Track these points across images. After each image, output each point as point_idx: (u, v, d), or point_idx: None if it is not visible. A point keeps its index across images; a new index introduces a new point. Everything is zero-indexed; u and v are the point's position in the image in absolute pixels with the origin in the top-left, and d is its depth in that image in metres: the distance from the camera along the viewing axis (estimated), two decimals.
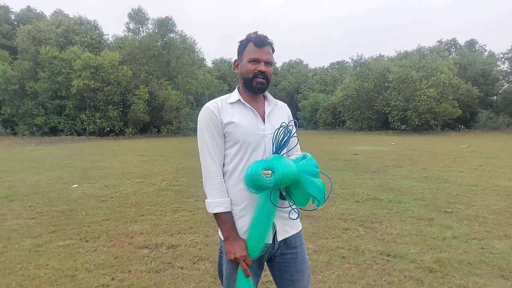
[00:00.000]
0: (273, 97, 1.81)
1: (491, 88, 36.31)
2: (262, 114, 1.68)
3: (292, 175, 1.43)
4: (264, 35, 1.63)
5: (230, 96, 1.70)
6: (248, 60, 1.62)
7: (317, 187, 1.46)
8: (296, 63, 67.23)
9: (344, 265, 3.41)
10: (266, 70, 1.61)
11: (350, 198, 6.14)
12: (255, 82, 1.62)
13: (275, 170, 1.41)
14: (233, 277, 1.62)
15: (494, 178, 7.86)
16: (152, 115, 32.96)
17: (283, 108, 1.82)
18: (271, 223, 1.56)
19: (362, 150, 15.54)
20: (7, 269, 3.38)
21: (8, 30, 34.54)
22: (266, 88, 1.67)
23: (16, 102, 28.91)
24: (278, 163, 1.44)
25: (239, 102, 1.67)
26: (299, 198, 1.50)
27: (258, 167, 1.42)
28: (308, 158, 1.54)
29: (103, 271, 3.33)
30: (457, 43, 43.37)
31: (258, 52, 1.61)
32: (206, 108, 1.64)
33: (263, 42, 1.61)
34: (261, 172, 1.41)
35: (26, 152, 15.95)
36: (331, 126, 43.89)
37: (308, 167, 1.50)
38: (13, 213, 5.42)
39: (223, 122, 1.62)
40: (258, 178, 1.40)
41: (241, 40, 1.68)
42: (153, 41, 33.58)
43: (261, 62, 1.61)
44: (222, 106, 1.65)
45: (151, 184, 7.73)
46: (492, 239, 4.02)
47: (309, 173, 1.49)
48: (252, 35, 1.64)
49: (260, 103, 1.72)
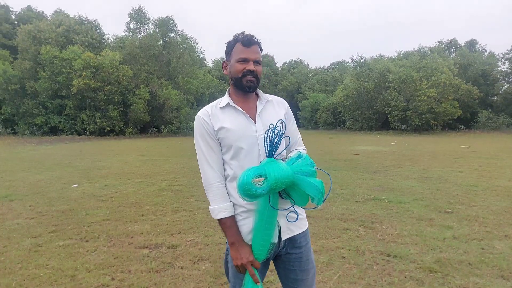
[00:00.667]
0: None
1: (491, 88, 36.31)
2: (254, 115, 1.67)
3: (286, 178, 1.40)
4: (251, 35, 1.63)
5: (221, 101, 1.70)
6: (236, 60, 1.62)
7: (314, 187, 1.43)
8: (297, 63, 67.26)
9: (344, 265, 3.41)
10: (255, 69, 1.61)
11: (350, 198, 6.14)
12: (245, 81, 1.62)
13: (268, 176, 1.39)
14: (239, 275, 1.64)
15: (494, 179, 7.86)
16: (152, 115, 32.96)
17: (279, 104, 1.78)
18: (274, 225, 1.55)
19: (362, 150, 15.54)
20: (7, 268, 3.38)
21: (9, 30, 34.58)
22: (257, 86, 1.66)
23: (16, 102, 28.91)
24: (270, 168, 1.41)
25: (229, 105, 1.66)
26: (298, 199, 1.48)
27: (249, 175, 1.39)
28: (303, 157, 1.51)
29: (103, 271, 3.33)
30: (457, 43, 43.36)
31: (246, 51, 1.61)
32: (197, 118, 1.67)
33: (250, 41, 1.61)
34: (253, 181, 1.38)
35: (26, 152, 15.96)
36: (331, 126, 43.91)
37: (303, 167, 1.47)
38: (13, 212, 5.42)
39: (214, 128, 1.63)
40: (250, 187, 1.38)
41: (228, 41, 1.68)
42: (154, 41, 33.56)
43: (250, 61, 1.60)
44: (212, 113, 1.66)
45: (151, 184, 7.73)
46: (492, 239, 4.02)
47: (305, 173, 1.46)
48: (239, 35, 1.64)
49: (251, 103, 1.70)
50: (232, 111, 1.66)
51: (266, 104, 1.72)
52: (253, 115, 1.67)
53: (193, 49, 37.60)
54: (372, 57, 40.91)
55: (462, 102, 33.38)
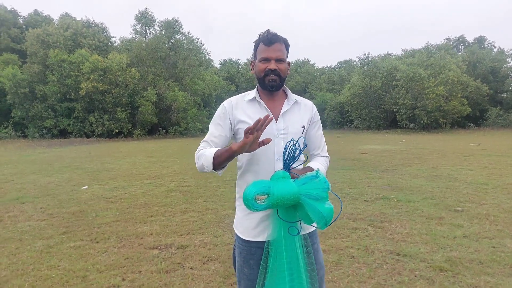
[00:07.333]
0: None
1: (500, 85, 35.94)
2: (278, 113, 1.67)
3: (289, 199, 1.37)
4: (273, 33, 1.62)
5: (249, 93, 1.73)
6: (259, 59, 1.64)
7: (318, 213, 1.38)
8: (303, 62, 66.99)
9: (353, 264, 3.40)
10: (277, 67, 1.61)
11: (359, 198, 6.12)
12: (267, 80, 1.63)
13: (271, 194, 1.38)
14: (244, 271, 1.67)
15: (504, 176, 7.77)
16: (159, 116, 33.13)
17: (306, 107, 1.77)
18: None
19: (371, 149, 15.46)
20: (19, 270, 3.43)
21: (17, 34, 34.98)
22: (280, 85, 1.67)
23: (26, 105, 29.26)
24: (275, 186, 1.39)
25: (254, 100, 1.69)
26: (303, 217, 1.47)
27: (251, 192, 1.38)
28: (318, 178, 1.44)
29: (113, 271, 3.36)
30: (465, 40, 43.00)
31: (267, 50, 1.61)
32: (221, 104, 1.73)
33: (271, 40, 1.60)
34: (255, 197, 1.38)
35: (37, 155, 16.13)
36: (338, 125, 43.76)
37: (313, 190, 1.40)
38: (25, 215, 5.49)
39: (236, 118, 1.67)
40: (251, 203, 1.38)
41: (255, 41, 1.69)
42: (160, 42, 33.75)
43: (271, 60, 1.60)
44: (237, 103, 1.70)
45: (160, 185, 7.77)
46: (503, 237, 3.98)
47: (313, 197, 1.39)
48: (261, 34, 1.64)
49: (277, 102, 1.71)
50: (257, 106, 1.68)
51: (293, 106, 1.72)
52: (277, 114, 1.67)
53: (199, 50, 37.72)
54: (379, 55, 40.76)
55: (471, 99, 33.10)
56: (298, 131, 1.68)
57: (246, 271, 1.67)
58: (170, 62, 34.92)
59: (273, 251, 1.51)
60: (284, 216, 1.47)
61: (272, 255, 1.51)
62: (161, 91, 32.44)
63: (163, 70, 34.33)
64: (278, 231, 1.49)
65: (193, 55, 35.75)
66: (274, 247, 1.51)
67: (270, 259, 1.52)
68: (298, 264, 1.51)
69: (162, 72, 34.24)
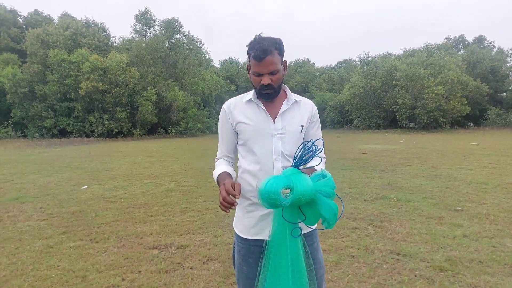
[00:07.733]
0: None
1: (500, 84, 35.89)
2: (276, 113, 1.67)
3: (308, 195, 1.37)
4: (263, 47, 1.53)
5: (248, 94, 1.73)
6: (252, 72, 1.61)
7: (331, 210, 1.40)
8: (303, 62, 66.96)
9: (353, 264, 3.40)
10: (271, 80, 1.58)
11: (358, 197, 6.12)
12: (262, 95, 1.63)
13: (294, 188, 1.35)
14: (243, 270, 1.68)
15: (504, 176, 7.77)
16: (159, 116, 33.11)
17: (305, 106, 1.76)
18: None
19: (370, 149, 15.46)
20: (19, 270, 3.43)
21: (17, 34, 34.91)
22: (277, 93, 1.65)
23: (25, 105, 29.22)
24: (297, 180, 1.37)
25: (251, 101, 1.69)
26: (310, 217, 1.45)
27: (278, 185, 1.34)
28: (327, 177, 1.46)
29: (113, 271, 3.36)
30: (465, 40, 42.99)
31: (259, 66, 1.56)
32: (222, 107, 1.77)
33: (260, 56, 1.53)
34: (281, 191, 1.34)
35: (36, 154, 16.13)
36: (338, 125, 43.71)
37: (325, 187, 1.42)
38: (24, 214, 5.49)
39: (235, 119, 1.70)
40: (277, 197, 1.33)
41: (247, 45, 1.63)
42: (160, 42, 33.73)
43: (264, 74, 1.57)
44: (236, 104, 1.72)
45: (160, 185, 7.77)
46: (503, 237, 3.98)
47: (325, 194, 1.42)
48: (252, 45, 1.58)
49: (277, 102, 1.70)
50: (255, 107, 1.69)
51: (292, 105, 1.71)
52: (275, 114, 1.67)
53: (199, 50, 37.71)
54: (379, 55, 40.74)
55: (471, 99, 33.08)
56: (296, 131, 1.68)
57: (245, 269, 1.68)
58: (170, 61, 34.91)
59: (273, 251, 1.51)
60: (288, 216, 1.46)
61: (272, 255, 1.51)
62: (161, 91, 32.42)
63: (163, 70, 34.31)
64: (281, 231, 1.49)
65: (193, 55, 35.74)
66: (274, 247, 1.51)
67: (270, 258, 1.51)
68: (299, 265, 1.51)
69: (162, 72, 34.23)
